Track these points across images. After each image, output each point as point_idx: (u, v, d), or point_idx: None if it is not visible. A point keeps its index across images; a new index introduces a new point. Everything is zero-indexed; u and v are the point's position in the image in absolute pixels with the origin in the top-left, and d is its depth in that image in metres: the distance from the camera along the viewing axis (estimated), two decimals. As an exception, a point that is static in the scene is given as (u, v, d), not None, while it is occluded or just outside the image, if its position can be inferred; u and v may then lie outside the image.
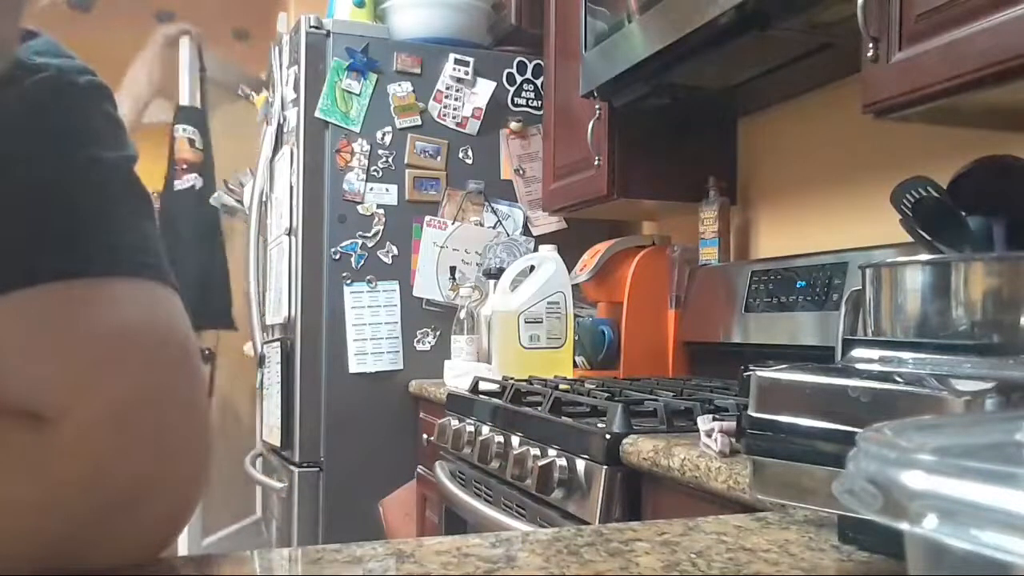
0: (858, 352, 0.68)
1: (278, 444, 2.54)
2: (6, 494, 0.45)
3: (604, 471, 1.26)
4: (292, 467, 2.44)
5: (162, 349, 0.50)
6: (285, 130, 2.63)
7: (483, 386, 1.90)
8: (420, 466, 2.33)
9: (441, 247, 2.55)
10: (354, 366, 2.45)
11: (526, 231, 2.63)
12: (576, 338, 2.18)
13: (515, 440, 1.53)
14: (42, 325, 0.48)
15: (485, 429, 1.67)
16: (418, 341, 2.52)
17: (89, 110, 0.54)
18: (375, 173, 2.49)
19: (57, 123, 0.51)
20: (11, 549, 0.45)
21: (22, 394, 0.46)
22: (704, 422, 1.15)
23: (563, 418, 1.45)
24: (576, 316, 2.20)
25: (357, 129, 2.47)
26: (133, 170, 0.56)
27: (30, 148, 0.50)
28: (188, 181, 3.11)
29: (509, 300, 2.12)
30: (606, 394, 1.51)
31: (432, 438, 1.98)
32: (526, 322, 2.09)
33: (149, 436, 0.48)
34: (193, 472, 0.51)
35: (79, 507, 0.46)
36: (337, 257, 2.45)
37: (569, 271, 2.20)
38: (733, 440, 1.08)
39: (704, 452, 1.10)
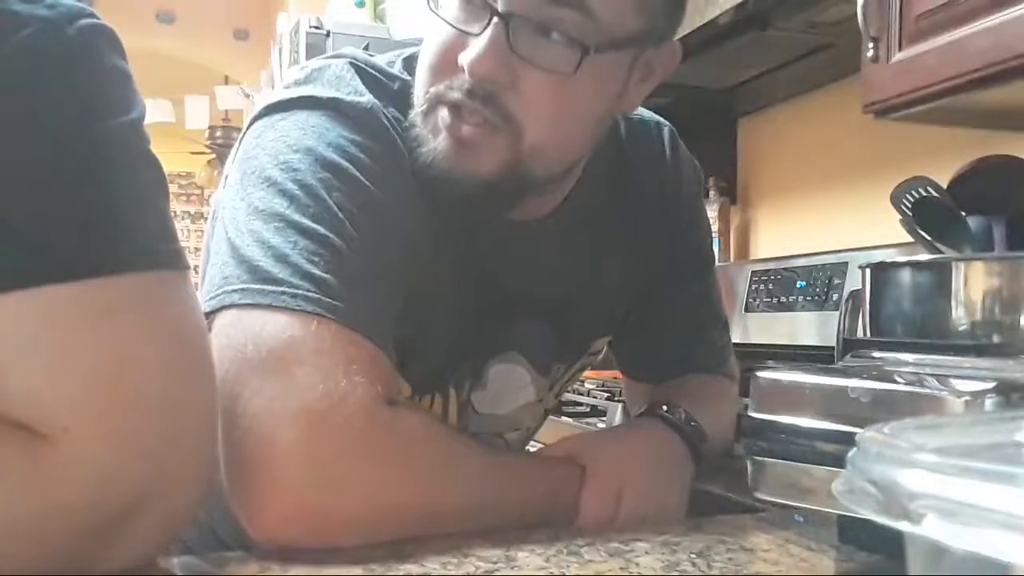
0: (858, 352, 0.68)
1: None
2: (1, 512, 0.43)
3: (604, 471, 1.25)
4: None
5: (169, 355, 0.47)
6: (285, 130, 2.62)
7: (483, 386, 1.89)
8: (420, 466, 2.32)
9: (441, 247, 2.54)
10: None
11: (526, 231, 2.62)
12: (576, 338, 2.18)
13: (515, 440, 1.52)
14: (38, 335, 0.44)
15: (485, 429, 1.66)
16: (418, 341, 2.51)
17: (85, 68, 0.46)
18: (375, 173, 2.48)
19: (47, 95, 0.45)
20: (4, 561, 0.43)
21: (17, 407, 0.43)
22: (704, 422, 1.15)
23: (563, 418, 1.45)
24: (576, 316, 2.20)
25: (357, 129, 2.47)
26: (141, 134, 0.49)
27: (20, 128, 0.44)
28: None
29: (509, 300, 2.11)
30: (606, 394, 1.51)
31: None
32: (526, 322, 2.08)
33: (152, 449, 0.45)
34: (197, 478, 0.49)
35: (77, 523, 0.44)
36: (337, 257, 2.45)
37: (569, 271, 2.19)
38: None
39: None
